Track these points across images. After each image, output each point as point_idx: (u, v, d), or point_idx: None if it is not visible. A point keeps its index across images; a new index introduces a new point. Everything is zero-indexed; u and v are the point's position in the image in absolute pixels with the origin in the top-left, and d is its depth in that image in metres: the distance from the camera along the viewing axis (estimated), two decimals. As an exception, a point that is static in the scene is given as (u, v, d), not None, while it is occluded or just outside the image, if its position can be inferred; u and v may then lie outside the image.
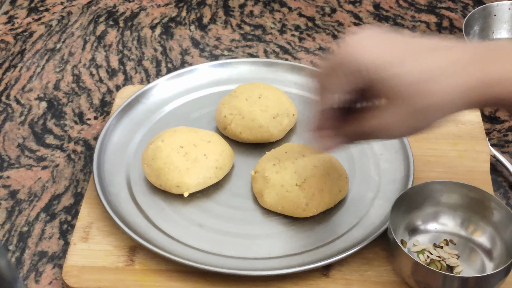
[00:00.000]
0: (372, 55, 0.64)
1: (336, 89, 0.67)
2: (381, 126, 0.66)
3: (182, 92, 0.96)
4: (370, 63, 0.64)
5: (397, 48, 0.65)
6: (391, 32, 0.67)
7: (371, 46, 0.65)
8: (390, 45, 0.65)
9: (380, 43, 0.66)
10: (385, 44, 0.65)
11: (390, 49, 0.65)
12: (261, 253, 0.78)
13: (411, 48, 0.65)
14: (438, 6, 1.17)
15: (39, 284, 0.78)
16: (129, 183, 0.85)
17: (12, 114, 0.98)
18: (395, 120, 0.65)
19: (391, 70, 0.63)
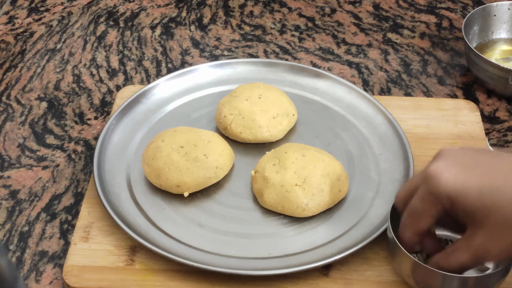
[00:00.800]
0: (461, 183, 0.63)
1: (427, 217, 0.67)
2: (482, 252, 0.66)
3: (182, 92, 0.96)
4: (461, 192, 0.63)
5: (485, 171, 0.64)
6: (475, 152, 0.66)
7: (458, 174, 0.64)
8: (477, 167, 0.64)
9: (466, 167, 0.64)
10: (472, 167, 0.64)
11: (478, 173, 0.63)
12: (261, 253, 0.78)
13: (502, 168, 0.64)
14: (437, 7, 1.17)
15: (39, 284, 0.78)
16: (130, 183, 0.85)
17: (13, 114, 0.98)
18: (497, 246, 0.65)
19: (484, 197, 0.62)
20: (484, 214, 0.63)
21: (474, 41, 1.05)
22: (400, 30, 1.13)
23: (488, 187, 0.62)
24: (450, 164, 0.65)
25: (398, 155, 0.87)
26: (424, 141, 0.90)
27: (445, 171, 0.64)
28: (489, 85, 0.99)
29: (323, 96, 0.96)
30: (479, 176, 0.63)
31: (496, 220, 0.63)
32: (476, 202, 0.63)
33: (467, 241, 0.66)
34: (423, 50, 1.09)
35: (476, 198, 0.63)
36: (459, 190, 0.63)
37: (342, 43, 1.10)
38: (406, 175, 0.84)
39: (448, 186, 0.64)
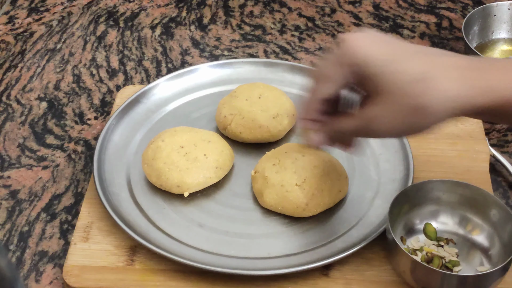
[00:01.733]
0: (370, 50, 0.65)
1: (331, 80, 0.68)
2: (370, 121, 0.66)
3: (182, 92, 0.96)
4: (367, 57, 0.65)
5: (395, 48, 0.66)
6: (389, 35, 0.69)
7: (370, 43, 0.66)
8: (389, 44, 0.66)
9: (379, 41, 0.67)
10: (384, 43, 0.66)
11: (388, 48, 0.65)
12: (261, 253, 0.78)
13: (410, 49, 0.66)
14: (437, 6, 1.17)
15: (39, 284, 0.78)
16: (130, 183, 0.85)
17: (13, 114, 0.98)
18: (387, 116, 0.65)
19: (388, 66, 0.64)
20: (384, 81, 0.64)
21: (474, 41, 1.05)
22: (400, 30, 1.13)
23: (389, 56, 0.64)
24: (366, 36, 0.67)
25: (398, 155, 0.87)
26: (424, 141, 0.90)
27: (360, 38, 0.66)
28: (489, 85, 0.99)
29: (323, 96, 0.96)
30: (391, 50, 0.65)
31: (389, 89, 0.64)
32: (381, 68, 0.64)
33: (362, 108, 0.67)
34: (423, 50, 1.08)
35: (381, 65, 0.64)
36: (368, 55, 0.65)
37: (342, 43, 1.10)
38: (406, 175, 0.84)
39: (359, 50, 0.65)
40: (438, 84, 0.63)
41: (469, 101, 0.63)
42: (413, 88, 0.63)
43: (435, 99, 0.63)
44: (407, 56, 0.65)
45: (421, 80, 0.63)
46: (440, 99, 0.63)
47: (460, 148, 0.89)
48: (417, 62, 0.64)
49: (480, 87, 0.63)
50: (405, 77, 0.63)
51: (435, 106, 0.63)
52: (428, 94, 0.63)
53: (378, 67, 0.64)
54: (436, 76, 0.63)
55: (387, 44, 0.66)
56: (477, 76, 0.63)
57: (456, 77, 0.63)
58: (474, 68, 0.64)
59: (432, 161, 0.88)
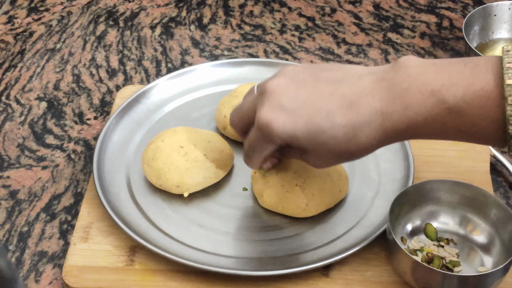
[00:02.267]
0: (292, 129, 0.68)
1: (263, 151, 0.73)
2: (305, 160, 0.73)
3: (182, 92, 0.96)
4: (293, 137, 0.69)
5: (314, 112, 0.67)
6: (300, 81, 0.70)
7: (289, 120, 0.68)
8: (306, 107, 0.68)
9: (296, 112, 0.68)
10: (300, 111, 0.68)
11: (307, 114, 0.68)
12: (261, 253, 0.78)
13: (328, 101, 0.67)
14: (438, 6, 1.17)
15: (39, 284, 0.78)
16: (129, 183, 0.85)
17: (12, 114, 0.98)
18: (319, 162, 0.72)
19: (315, 139, 0.68)
20: (314, 149, 0.69)
21: (475, 41, 1.05)
22: (401, 30, 1.12)
23: (314, 128, 0.67)
24: (277, 109, 0.68)
25: (398, 155, 0.87)
26: (424, 141, 0.90)
27: (275, 119, 0.68)
28: (490, 85, 0.99)
29: (323, 96, 0.95)
30: (305, 118, 0.68)
31: (324, 152, 0.69)
32: (305, 142, 0.68)
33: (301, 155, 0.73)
34: (424, 50, 1.08)
35: (305, 139, 0.68)
36: (290, 135, 0.68)
37: (342, 43, 1.10)
38: (406, 175, 0.84)
39: (280, 132, 0.68)
40: (361, 134, 0.66)
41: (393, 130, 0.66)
42: (341, 146, 0.68)
43: (355, 147, 0.68)
44: (327, 116, 0.67)
45: (346, 139, 0.67)
46: (359, 147, 0.68)
47: (460, 148, 0.89)
48: (338, 121, 0.66)
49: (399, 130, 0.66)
50: (332, 142, 0.67)
51: (361, 151, 0.69)
52: (354, 144, 0.67)
53: (306, 141, 0.68)
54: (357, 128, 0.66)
55: (302, 108, 0.68)
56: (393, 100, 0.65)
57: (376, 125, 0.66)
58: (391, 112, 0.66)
59: (433, 161, 0.87)
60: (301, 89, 0.69)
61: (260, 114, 0.69)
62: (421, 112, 0.64)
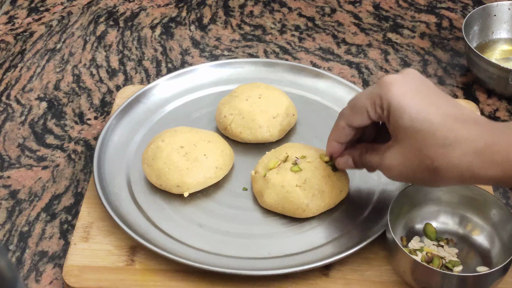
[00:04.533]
0: (405, 101, 0.69)
1: (363, 114, 0.73)
2: (387, 165, 0.72)
3: (182, 92, 0.96)
4: (402, 107, 0.69)
5: (430, 104, 0.68)
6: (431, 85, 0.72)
7: (407, 92, 0.69)
8: (425, 97, 0.69)
9: (416, 92, 0.70)
10: (420, 95, 0.69)
11: (423, 102, 0.68)
12: (261, 253, 0.78)
13: (443, 108, 0.68)
14: (437, 6, 1.17)
15: (39, 284, 0.78)
16: (129, 183, 0.85)
17: (13, 114, 0.98)
18: (402, 167, 0.71)
19: (418, 124, 0.68)
20: (406, 135, 0.68)
21: (474, 41, 1.05)
22: (400, 30, 1.13)
23: (424, 115, 0.67)
24: (408, 83, 0.70)
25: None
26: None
27: (400, 85, 0.70)
28: (489, 85, 0.99)
29: (323, 96, 0.96)
30: (425, 106, 0.68)
31: (411, 143, 0.68)
32: (407, 121, 0.68)
33: (384, 149, 0.72)
34: (423, 50, 1.09)
35: (409, 118, 0.68)
36: (400, 104, 0.69)
37: (342, 43, 1.10)
38: (406, 175, 0.84)
39: (394, 96, 0.69)
40: (455, 154, 0.66)
41: (480, 173, 0.67)
42: (433, 151, 0.67)
43: (448, 167, 0.67)
44: (437, 117, 0.67)
45: (443, 146, 0.66)
46: (452, 168, 0.67)
47: (460, 148, 0.89)
48: (445, 127, 0.67)
49: (496, 161, 0.66)
50: (429, 140, 0.67)
51: (445, 172, 0.67)
52: (444, 161, 0.67)
53: (408, 121, 0.68)
54: (456, 145, 0.66)
55: (423, 98, 0.69)
56: (496, 152, 0.66)
57: (475, 151, 0.66)
58: (496, 143, 0.66)
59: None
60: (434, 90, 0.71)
61: (391, 75, 0.71)
62: None
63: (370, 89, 0.72)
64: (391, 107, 0.69)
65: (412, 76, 0.71)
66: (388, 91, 0.69)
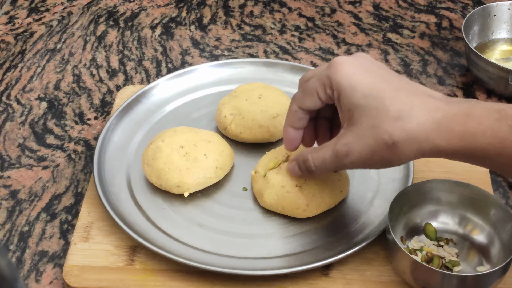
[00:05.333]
0: (355, 80, 0.68)
1: (314, 96, 0.72)
2: (341, 150, 0.69)
3: (182, 92, 0.96)
4: (352, 87, 0.68)
5: (381, 82, 0.68)
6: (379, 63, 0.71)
7: (357, 72, 0.68)
8: (375, 76, 0.68)
9: (366, 71, 0.69)
10: (371, 74, 0.68)
11: (374, 80, 0.68)
12: (261, 253, 0.78)
13: (394, 84, 0.68)
14: (437, 7, 1.17)
15: (39, 284, 0.78)
16: (130, 183, 0.85)
17: (13, 114, 0.98)
18: (358, 148, 0.68)
19: (370, 101, 0.67)
20: (360, 114, 0.67)
21: (474, 41, 1.05)
22: (400, 30, 1.13)
23: (377, 91, 0.66)
24: (358, 63, 0.69)
25: (398, 155, 0.87)
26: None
27: (349, 65, 0.69)
28: (489, 85, 0.99)
29: (323, 96, 0.96)
30: (376, 84, 0.67)
31: (367, 121, 0.67)
32: (359, 99, 0.67)
33: (336, 139, 0.70)
34: (423, 50, 1.09)
35: (363, 98, 0.67)
36: (351, 84, 0.68)
37: (342, 43, 1.10)
38: (406, 175, 0.84)
39: (344, 76, 0.68)
40: (412, 125, 0.65)
41: (440, 144, 0.65)
42: (389, 125, 0.66)
43: (406, 139, 0.65)
44: (390, 92, 0.67)
45: (398, 118, 0.65)
46: (410, 140, 0.65)
47: (460, 148, 0.89)
48: (398, 100, 0.66)
49: (455, 132, 0.65)
50: (384, 114, 0.66)
51: (405, 145, 0.66)
52: (402, 133, 0.65)
53: (360, 99, 0.67)
54: (412, 116, 0.65)
55: (374, 76, 0.68)
56: (455, 121, 0.65)
57: (432, 121, 0.65)
58: (454, 113, 0.65)
59: (432, 161, 0.87)
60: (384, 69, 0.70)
61: (339, 57, 0.70)
62: (482, 123, 0.64)
63: (319, 70, 0.71)
64: (341, 87, 0.68)
65: (363, 57, 0.71)
66: (337, 72, 0.68)
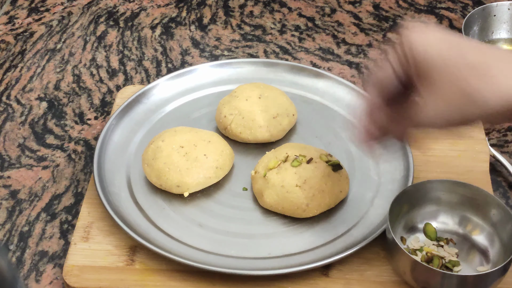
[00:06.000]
0: (429, 45, 0.64)
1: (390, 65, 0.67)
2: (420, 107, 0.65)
3: (182, 92, 0.96)
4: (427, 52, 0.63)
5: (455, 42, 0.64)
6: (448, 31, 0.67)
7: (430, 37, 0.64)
8: (448, 40, 0.64)
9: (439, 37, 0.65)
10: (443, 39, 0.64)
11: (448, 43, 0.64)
12: (261, 253, 0.78)
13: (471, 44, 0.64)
14: (437, 7, 1.17)
15: (39, 284, 0.78)
16: (130, 183, 0.85)
17: (13, 114, 0.98)
18: (437, 102, 0.64)
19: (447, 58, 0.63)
20: (442, 75, 0.63)
21: (474, 41, 1.05)
22: (400, 30, 1.12)
23: (453, 51, 0.63)
24: (431, 28, 0.66)
25: (398, 155, 0.87)
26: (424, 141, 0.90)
27: (423, 30, 0.65)
28: (489, 85, 0.99)
29: (323, 96, 0.96)
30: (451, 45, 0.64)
31: (451, 82, 0.63)
32: (440, 61, 0.63)
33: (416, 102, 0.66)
34: (423, 50, 1.08)
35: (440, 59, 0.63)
36: (428, 51, 0.64)
37: (342, 43, 1.10)
38: (406, 175, 0.84)
39: (419, 40, 0.64)
40: (495, 74, 0.61)
41: None
42: (469, 73, 0.62)
43: (489, 86, 0.61)
44: (466, 48, 0.63)
45: (478, 67, 0.61)
46: (494, 88, 0.61)
47: (460, 148, 0.89)
48: (477, 53, 0.62)
49: None
50: (462, 62, 0.62)
51: (488, 94, 0.61)
52: (483, 81, 0.61)
53: (437, 61, 0.63)
54: (494, 67, 0.61)
55: (447, 40, 0.64)
56: None
57: None
58: None
59: (432, 161, 0.88)
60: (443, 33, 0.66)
61: (405, 26, 0.66)
62: None
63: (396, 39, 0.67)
64: (417, 54, 0.64)
65: (429, 25, 0.67)
66: (410, 40, 0.65)
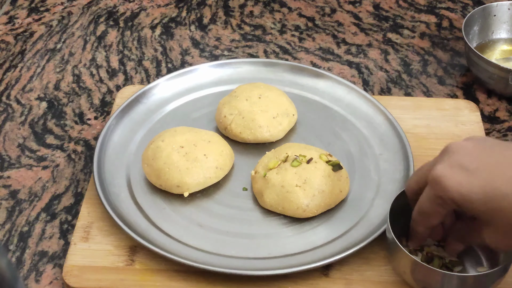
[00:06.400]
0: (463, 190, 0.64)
1: (435, 215, 0.69)
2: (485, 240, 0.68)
3: (182, 92, 0.96)
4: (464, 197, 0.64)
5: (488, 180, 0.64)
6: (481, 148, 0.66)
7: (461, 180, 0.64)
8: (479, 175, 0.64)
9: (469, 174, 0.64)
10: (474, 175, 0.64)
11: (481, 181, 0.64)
12: (261, 253, 0.78)
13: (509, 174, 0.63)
14: (437, 7, 1.17)
15: (39, 284, 0.78)
16: (129, 183, 0.85)
17: (13, 114, 0.98)
18: (500, 238, 0.67)
19: (488, 204, 0.63)
20: (489, 217, 0.65)
21: (474, 41, 1.05)
22: (400, 30, 1.13)
23: (493, 192, 0.63)
24: (455, 167, 0.65)
25: (398, 155, 0.87)
26: (424, 141, 0.90)
27: (449, 176, 0.65)
28: (489, 85, 0.99)
29: (323, 96, 0.96)
30: (484, 180, 0.64)
31: (502, 223, 0.65)
32: (481, 207, 0.64)
33: (477, 233, 0.69)
34: (423, 50, 1.09)
35: (481, 203, 0.64)
36: (464, 195, 0.64)
37: (342, 43, 1.10)
38: (406, 175, 0.84)
39: (453, 191, 0.65)
40: None
41: None
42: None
43: None
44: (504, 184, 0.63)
45: None
46: None
47: (460, 148, 0.89)
48: None
49: None
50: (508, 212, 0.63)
51: None
52: None
53: (481, 205, 0.64)
54: None
55: (481, 171, 0.64)
56: None
57: None
58: None
59: (432, 161, 0.87)
60: (488, 153, 0.65)
61: (435, 169, 0.66)
62: None
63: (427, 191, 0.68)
64: (457, 202, 0.65)
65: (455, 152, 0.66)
66: (444, 190, 0.65)
